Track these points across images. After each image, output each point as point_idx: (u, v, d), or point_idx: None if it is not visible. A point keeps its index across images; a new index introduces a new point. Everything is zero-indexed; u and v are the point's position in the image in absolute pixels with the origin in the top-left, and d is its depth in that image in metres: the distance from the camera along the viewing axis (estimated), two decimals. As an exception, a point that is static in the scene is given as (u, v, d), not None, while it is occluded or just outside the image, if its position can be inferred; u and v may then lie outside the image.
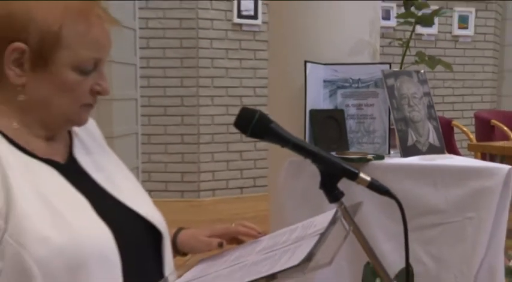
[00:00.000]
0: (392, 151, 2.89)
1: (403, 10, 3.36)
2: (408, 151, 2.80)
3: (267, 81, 6.88)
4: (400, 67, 3.14)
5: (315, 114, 2.85)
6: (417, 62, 3.23)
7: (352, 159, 2.65)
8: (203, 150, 7.34)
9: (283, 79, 3.23)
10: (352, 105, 2.95)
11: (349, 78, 2.94)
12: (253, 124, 1.42)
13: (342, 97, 2.96)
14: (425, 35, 8.23)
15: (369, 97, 2.92)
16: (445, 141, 3.03)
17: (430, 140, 2.90)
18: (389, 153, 2.87)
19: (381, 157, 2.76)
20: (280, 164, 2.93)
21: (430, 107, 2.96)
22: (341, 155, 2.65)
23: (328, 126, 2.86)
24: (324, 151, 1.45)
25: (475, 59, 8.99)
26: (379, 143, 2.91)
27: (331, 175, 1.43)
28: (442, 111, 8.15)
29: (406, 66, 3.15)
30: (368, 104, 2.92)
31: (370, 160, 2.70)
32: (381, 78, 2.85)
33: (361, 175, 1.43)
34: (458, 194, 2.58)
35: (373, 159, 2.71)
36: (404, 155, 2.78)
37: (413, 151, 2.81)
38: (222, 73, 7.35)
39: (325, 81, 2.96)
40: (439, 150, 2.92)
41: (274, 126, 1.43)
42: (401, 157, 2.78)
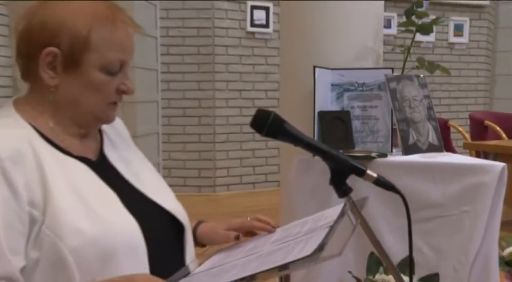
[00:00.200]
0: (394, 149, 2.88)
1: (402, 19, 3.35)
2: (409, 149, 2.79)
3: (277, 84, 6.98)
4: (402, 72, 3.13)
5: (323, 115, 2.84)
6: (417, 67, 3.21)
7: (358, 157, 2.64)
8: (219, 149, 7.32)
9: (293, 83, 3.21)
10: (358, 107, 2.94)
11: (355, 82, 2.93)
12: (268, 124, 1.41)
13: (348, 99, 2.95)
14: (424, 42, 8.19)
15: (373, 99, 2.91)
16: (443, 140, 3.02)
17: (430, 139, 2.89)
18: (391, 152, 2.87)
19: (384, 155, 2.76)
20: (291, 161, 2.92)
21: (429, 108, 2.96)
22: (347, 153, 2.64)
23: (336, 126, 2.85)
24: (333, 150, 1.44)
25: (470, 65, 8.97)
26: (382, 142, 2.90)
27: (340, 172, 1.42)
28: (439, 113, 8.07)
29: (407, 71, 3.14)
30: (372, 105, 2.92)
31: (374, 158, 2.70)
32: (384, 82, 2.84)
33: (368, 172, 1.42)
34: (455, 189, 2.58)
35: (376, 157, 2.71)
36: (406, 153, 2.78)
37: (414, 149, 2.81)
38: (236, 77, 7.34)
39: (333, 85, 2.95)
40: (438, 149, 2.91)
41: (288, 127, 1.42)
42: (403, 155, 2.78)
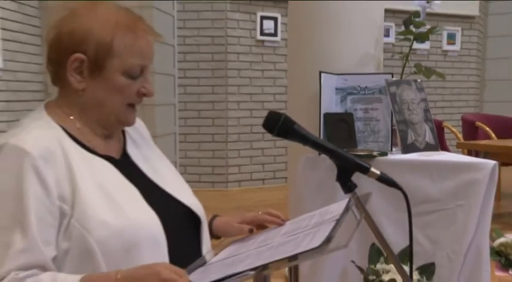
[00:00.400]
0: (394, 148, 2.86)
1: (400, 29, 3.34)
2: (408, 148, 2.78)
3: (285, 89, 6.98)
4: (401, 77, 3.11)
5: (328, 117, 2.83)
6: (415, 72, 3.19)
7: (360, 156, 2.62)
8: (231, 148, 7.31)
9: (300, 87, 3.20)
10: (360, 109, 2.92)
11: (357, 86, 2.92)
12: (279, 125, 1.40)
13: (351, 102, 2.93)
14: (420, 50, 8.17)
15: (374, 102, 2.90)
16: (438, 140, 3.01)
17: (427, 139, 2.87)
18: (391, 150, 2.85)
19: (385, 154, 2.74)
20: (297, 159, 2.91)
21: (426, 111, 2.94)
22: (350, 152, 2.62)
23: (340, 127, 2.84)
24: (339, 149, 1.44)
25: (461, 70, 8.97)
26: (382, 142, 2.88)
27: (346, 169, 1.41)
28: (434, 115, 7.89)
29: (405, 76, 3.13)
30: (373, 108, 2.90)
31: (375, 156, 2.68)
32: (384, 86, 2.83)
33: (372, 169, 1.41)
34: (450, 185, 2.57)
35: (378, 156, 2.69)
36: (405, 152, 2.77)
37: (412, 148, 2.79)
38: (247, 82, 7.32)
39: (337, 89, 2.94)
40: (434, 148, 2.90)
41: (297, 127, 1.42)
42: (402, 154, 2.76)
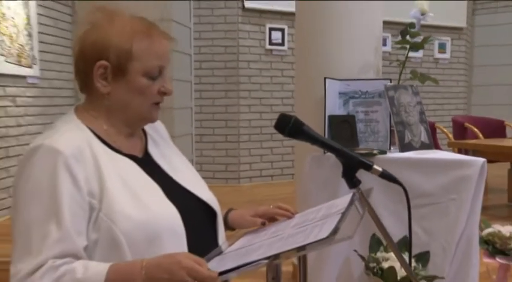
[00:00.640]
0: (392, 147, 2.86)
1: (396, 39, 3.34)
2: (405, 147, 2.77)
3: (291, 93, 6.99)
4: (398, 82, 3.11)
5: (332, 118, 2.82)
6: (411, 78, 3.19)
7: (362, 154, 2.60)
8: (242, 147, 7.31)
9: (307, 91, 3.22)
10: (361, 112, 2.92)
11: (359, 90, 2.92)
12: (290, 127, 1.39)
13: (353, 105, 2.93)
14: (413, 58, 8.17)
15: (374, 105, 2.90)
16: (431, 139, 3.01)
17: (422, 138, 2.87)
18: (390, 149, 2.85)
19: (384, 152, 2.74)
20: (304, 158, 2.91)
21: (421, 113, 2.94)
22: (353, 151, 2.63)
23: (343, 128, 2.84)
24: (345, 148, 1.42)
25: (451, 76, 9.01)
26: (382, 141, 2.88)
27: (351, 166, 1.41)
28: (427, 117, 8.03)
29: (402, 82, 3.13)
30: (373, 110, 2.90)
31: (375, 154, 2.68)
32: (383, 90, 2.83)
33: (375, 166, 1.41)
34: (444, 180, 2.56)
35: (377, 154, 2.69)
36: (402, 150, 2.76)
37: (409, 147, 2.79)
38: (257, 87, 7.33)
39: (340, 93, 2.94)
40: (429, 147, 2.89)
41: (306, 129, 1.41)
42: (399, 152, 2.76)
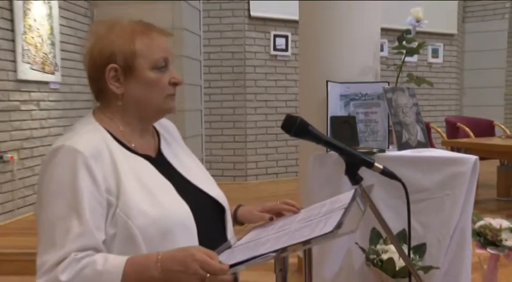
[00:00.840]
0: (390, 146, 2.85)
1: (392, 44, 3.34)
2: (402, 146, 2.76)
3: (295, 96, 6.99)
4: (395, 85, 3.10)
5: (334, 119, 2.81)
6: (408, 81, 3.18)
7: (362, 153, 2.60)
8: (249, 147, 7.31)
9: (310, 94, 3.22)
10: (361, 113, 2.91)
11: (359, 92, 2.90)
12: (296, 127, 1.38)
13: (354, 107, 2.92)
14: (409, 62, 8.17)
15: (373, 106, 2.88)
16: (427, 138, 3.00)
17: (418, 138, 2.86)
18: (388, 148, 2.83)
19: (383, 151, 2.74)
20: (307, 156, 2.91)
21: (417, 114, 2.94)
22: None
23: (344, 128, 2.83)
24: (348, 146, 1.41)
25: (444, 79, 9.04)
26: (381, 140, 2.87)
27: (353, 164, 1.39)
28: (422, 117, 8.10)
29: (399, 84, 3.12)
30: (373, 111, 2.89)
31: (375, 153, 2.68)
32: (382, 93, 2.82)
33: (376, 164, 1.39)
34: (439, 177, 2.55)
35: (377, 152, 2.69)
36: (400, 149, 2.75)
37: (406, 146, 2.78)
38: (262, 90, 7.32)
39: (341, 95, 2.92)
40: (424, 145, 2.88)
41: (311, 129, 1.39)
42: (397, 150, 2.75)
